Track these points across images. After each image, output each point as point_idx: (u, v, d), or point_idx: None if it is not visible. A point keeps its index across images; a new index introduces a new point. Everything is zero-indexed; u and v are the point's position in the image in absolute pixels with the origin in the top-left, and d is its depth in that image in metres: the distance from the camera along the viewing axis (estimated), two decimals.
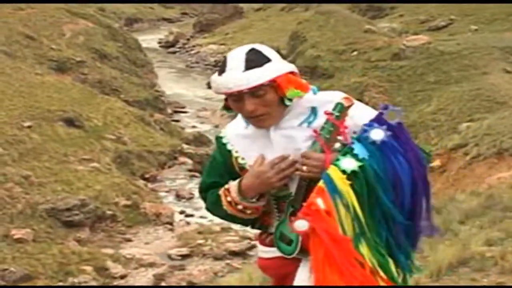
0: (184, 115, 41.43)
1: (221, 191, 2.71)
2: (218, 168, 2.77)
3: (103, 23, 49.57)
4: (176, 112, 41.76)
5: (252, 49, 2.57)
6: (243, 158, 2.70)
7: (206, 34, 61.94)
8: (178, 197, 29.23)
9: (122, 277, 21.84)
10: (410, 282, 2.63)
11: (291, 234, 2.59)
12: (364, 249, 2.43)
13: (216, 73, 2.59)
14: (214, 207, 2.79)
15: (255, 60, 2.53)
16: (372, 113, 2.57)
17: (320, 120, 2.56)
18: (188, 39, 61.90)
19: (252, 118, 2.59)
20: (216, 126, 39.02)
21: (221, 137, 2.78)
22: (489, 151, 20.61)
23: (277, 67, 2.55)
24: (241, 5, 65.62)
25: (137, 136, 33.42)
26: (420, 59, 36.34)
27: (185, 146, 34.06)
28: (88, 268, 21.65)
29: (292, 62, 2.83)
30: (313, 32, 42.73)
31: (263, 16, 62.89)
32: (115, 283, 21.54)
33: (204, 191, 2.83)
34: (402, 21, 49.05)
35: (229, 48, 56.50)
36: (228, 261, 22.59)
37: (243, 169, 2.70)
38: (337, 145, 2.56)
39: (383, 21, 49.48)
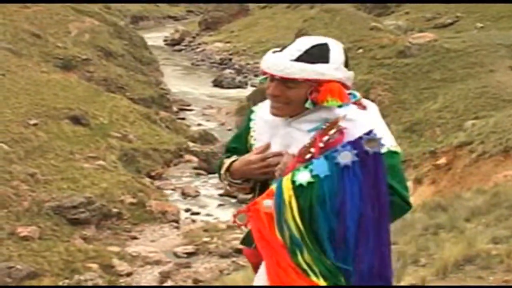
0: (190, 113, 41.45)
1: (223, 160, 2.81)
2: (240, 137, 2.86)
3: (109, 21, 49.61)
4: (181, 110, 41.78)
5: (321, 44, 2.62)
6: (254, 139, 2.77)
7: (212, 32, 61.94)
8: (184, 195, 29.25)
9: (128, 274, 21.87)
10: None
11: None
12: (299, 258, 2.41)
13: (276, 49, 2.66)
14: (217, 170, 2.86)
15: (313, 55, 2.57)
16: (367, 129, 2.50)
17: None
18: (193, 37, 61.90)
19: (273, 102, 2.63)
20: (222, 124, 39.02)
21: (252, 111, 2.85)
22: (495, 148, 20.55)
23: (326, 71, 2.56)
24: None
25: (142, 134, 33.46)
26: (426, 57, 36.27)
27: (190, 144, 34.08)
28: (94, 266, 21.69)
29: None
30: (319, 29, 42.68)
31: (269, 14, 62.82)
32: (121, 280, 21.58)
33: (224, 152, 2.91)
34: (408, 19, 48.96)
35: (235, 46, 56.57)
36: (233, 259, 22.59)
37: (251, 147, 2.77)
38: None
39: (389, 18, 49.41)
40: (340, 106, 2.59)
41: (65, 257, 22.01)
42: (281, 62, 2.55)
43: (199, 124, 39.12)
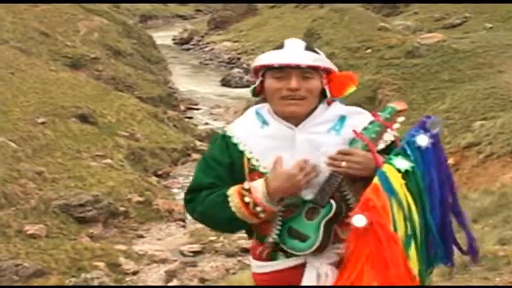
0: (197, 112, 41.45)
1: (232, 191, 2.57)
2: (218, 170, 2.65)
3: (118, 19, 49.69)
4: (189, 109, 41.79)
5: (308, 44, 2.69)
6: (257, 160, 2.62)
7: (220, 31, 61.91)
8: None
9: (134, 273, 21.90)
10: None
11: (308, 230, 2.54)
12: (412, 252, 2.43)
13: (269, 51, 2.66)
14: (214, 209, 2.60)
15: (312, 48, 2.65)
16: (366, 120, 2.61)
17: (347, 129, 2.58)
18: (202, 36, 61.90)
19: (288, 100, 2.56)
20: (229, 123, 39.02)
21: (229, 137, 2.69)
22: (502, 149, 20.48)
23: (329, 62, 2.67)
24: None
25: (150, 133, 33.50)
26: (434, 57, 36.16)
27: (198, 143, 34.10)
28: (101, 264, 21.73)
29: None
30: (327, 29, 42.62)
31: (277, 14, 62.76)
32: (127, 279, 21.60)
33: (196, 191, 2.66)
34: (417, 19, 48.81)
35: (243, 46, 56.53)
36: (240, 258, 22.56)
37: (253, 171, 2.62)
38: (379, 147, 2.58)
39: (397, 18, 49.28)
40: (341, 103, 2.67)
41: (71, 255, 22.06)
42: (301, 53, 2.58)
43: (207, 123, 39.11)
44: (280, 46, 2.63)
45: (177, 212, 26.52)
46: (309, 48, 2.61)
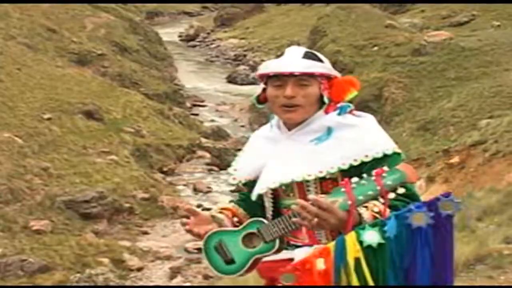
0: (203, 109, 41.46)
1: None
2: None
3: (124, 16, 49.73)
4: (195, 105, 41.80)
5: (310, 51, 2.70)
6: (240, 156, 2.81)
7: (227, 28, 61.88)
8: (196, 190, 29.27)
9: (139, 269, 21.92)
10: None
11: (238, 256, 2.50)
12: None
13: (271, 59, 2.70)
14: None
15: (312, 56, 2.65)
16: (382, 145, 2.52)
17: (327, 144, 2.55)
18: (208, 33, 61.87)
19: (286, 107, 2.61)
20: (235, 120, 38.99)
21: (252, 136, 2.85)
22: (508, 148, 20.40)
23: (330, 67, 2.66)
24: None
25: (155, 129, 33.51)
26: (441, 55, 36.05)
27: (203, 140, 34.08)
28: (105, 260, 21.76)
29: None
30: (334, 27, 42.53)
31: (284, 11, 62.68)
32: (132, 275, 21.63)
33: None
34: (424, 17, 48.67)
35: (249, 43, 56.50)
36: None
37: None
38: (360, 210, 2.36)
39: (404, 16, 49.13)
40: (339, 114, 2.61)
41: (76, 251, 22.11)
42: (297, 61, 2.61)
43: (212, 120, 39.11)
44: (281, 55, 2.68)
45: (182, 209, 26.52)
46: (308, 55, 2.64)
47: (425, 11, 49.94)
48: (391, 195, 2.32)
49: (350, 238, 2.26)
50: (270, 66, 2.65)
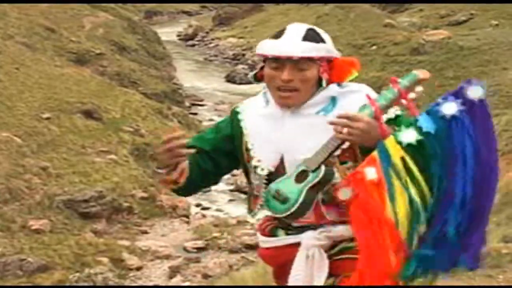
0: (202, 108, 41.45)
1: None
2: (216, 139, 2.78)
3: (123, 15, 49.70)
4: (194, 105, 41.78)
5: (312, 28, 2.61)
6: (250, 136, 2.69)
7: (225, 27, 61.86)
8: None
9: (138, 268, 21.93)
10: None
11: (290, 193, 2.50)
12: (420, 229, 2.17)
13: (269, 38, 2.63)
14: None
15: (313, 36, 2.58)
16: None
17: (338, 111, 2.52)
18: (207, 32, 61.86)
19: (281, 91, 2.57)
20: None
21: (237, 112, 2.76)
22: (507, 147, 20.44)
23: (331, 49, 2.60)
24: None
25: (154, 128, 33.48)
26: (440, 54, 36.11)
27: None
28: (104, 260, 21.76)
29: None
30: (333, 26, 42.56)
31: (283, 10, 62.67)
32: (131, 274, 21.64)
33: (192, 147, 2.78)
34: (422, 16, 48.70)
35: (248, 42, 56.48)
36: (243, 254, 22.59)
37: (248, 152, 2.69)
38: (389, 115, 2.43)
39: (403, 15, 49.17)
40: (338, 85, 2.61)
41: (75, 250, 22.11)
42: (296, 44, 2.54)
43: (211, 120, 39.08)
44: (280, 33, 2.61)
45: (181, 208, 26.54)
46: (309, 35, 2.57)
47: (423, 10, 49.96)
48: (412, 95, 2.38)
49: (389, 141, 2.26)
50: (267, 47, 2.58)
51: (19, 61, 35.96)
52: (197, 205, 27.80)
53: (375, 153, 2.27)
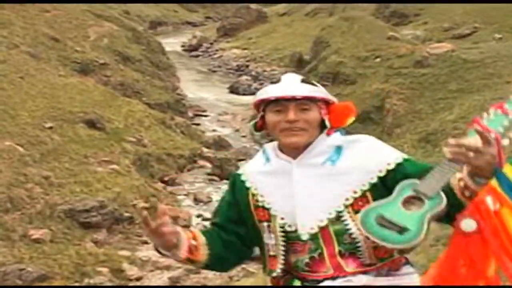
0: (205, 119, 41.47)
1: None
2: (230, 206, 2.80)
3: (128, 25, 49.86)
4: (197, 115, 41.81)
5: (305, 78, 2.71)
6: (261, 196, 2.67)
7: (230, 38, 62.01)
8: (196, 200, 29.24)
9: (138, 279, 21.89)
10: None
11: (406, 221, 2.27)
12: None
13: (267, 85, 2.68)
14: None
15: (309, 81, 2.68)
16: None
17: (344, 162, 2.53)
18: (211, 43, 62.01)
19: (288, 131, 2.58)
20: (237, 130, 38.97)
21: (239, 174, 2.77)
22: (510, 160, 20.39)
23: (327, 93, 2.67)
24: (264, 9, 65.64)
25: (157, 139, 33.51)
26: (443, 67, 36.06)
27: (205, 149, 34.08)
28: (104, 270, 21.72)
29: (314, 68, 2.90)
30: (336, 38, 42.60)
31: (287, 21, 62.82)
32: (131, 285, 21.60)
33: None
34: (426, 29, 48.74)
35: (252, 53, 56.60)
36: (243, 266, 22.51)
37: (257, 207, 2.67)
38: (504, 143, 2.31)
39: (406, 28, 49.21)
40: (341, 134, 2.66)
41: (75, 260, 22.07)
42: (297, 86, 2.61)
43: (214, 130, 39.12)
44: (277, 81, 2.67)
45: (182, 218, 26.47)
46: (305, 81, 2.65)
47: (427, 23, 50.01)
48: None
49: (507, 168, 2.19)
50: (268, 91, 2.62)
51: (23, 70, 36.06)
52: (198, 216, 27.76)
53: (492, 183, 2.18)
